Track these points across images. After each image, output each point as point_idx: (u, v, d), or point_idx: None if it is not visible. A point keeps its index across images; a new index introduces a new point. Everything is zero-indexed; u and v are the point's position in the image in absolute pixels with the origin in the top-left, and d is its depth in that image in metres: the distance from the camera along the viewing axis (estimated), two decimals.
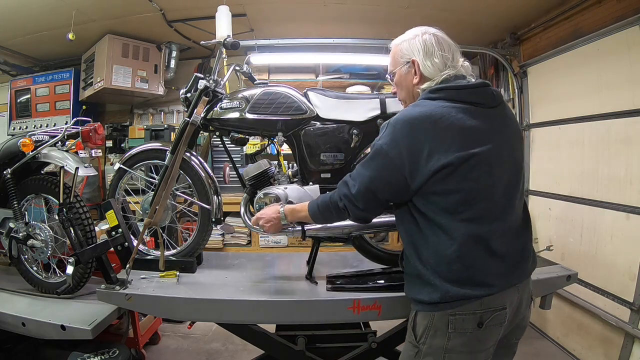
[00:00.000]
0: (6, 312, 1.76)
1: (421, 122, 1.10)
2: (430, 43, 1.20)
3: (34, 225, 1.94)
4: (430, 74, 1.20)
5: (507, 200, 1.17)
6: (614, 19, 2.34)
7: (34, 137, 1.98)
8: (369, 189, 1.18)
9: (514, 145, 1.20)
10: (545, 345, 2.88)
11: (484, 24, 3.22)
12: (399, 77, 1.29)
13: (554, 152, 3.02)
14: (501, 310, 1.13)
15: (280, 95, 1.73)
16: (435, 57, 1.19)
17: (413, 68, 1.23)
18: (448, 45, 1.22)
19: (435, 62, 1.19)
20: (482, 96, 1.17)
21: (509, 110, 1.25)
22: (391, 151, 1.11)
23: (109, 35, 3.33)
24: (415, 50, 1.22)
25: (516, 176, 1.20)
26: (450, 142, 1.08)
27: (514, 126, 1.25)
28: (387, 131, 1.14)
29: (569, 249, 2.70)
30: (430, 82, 1.19)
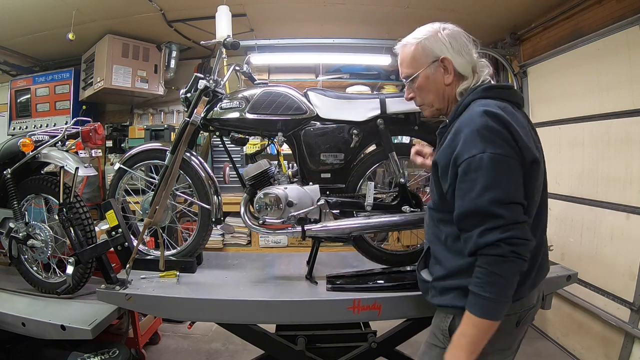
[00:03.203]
0: (6, 312, 1.76)
1: (507, 115, 1.02)
2: (459, 37, 1.12)
3: (34, 225, 1.94)
4: (465, 71, 1.12)
5: (544, 205, 1.13)
6: (614, 19, 2.34)
7: (34, 137, 1.98)
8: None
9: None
10: (545, 345, 2.88)
11: (484, 24, 3.22)
12: (424, 79, 1.16)
13: (554, 152, 3.01)
14: (532, 308, 1.15)
15: (280, 95, 1.73)
16: (465, 53, 1.12)
17: (442, 66, 1.13)
18: (468, 39, 1.14)
19: (466, 58, 1.12)
20: (519, 97, 1.15)
21: None
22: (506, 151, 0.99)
23: (109, 35, 3.33)
24: (444, 46, 1.11)
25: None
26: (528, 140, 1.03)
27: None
28: (483, 138, 0.98)
29: (569, 249, 2.70)
30: (469, 81, 1.12)
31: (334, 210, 1.72)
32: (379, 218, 1.71)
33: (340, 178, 1.78)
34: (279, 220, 1.66)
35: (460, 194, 1.01)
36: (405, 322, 1.80)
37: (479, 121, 1.00)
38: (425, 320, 1.76)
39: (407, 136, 2.87)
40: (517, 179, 0.99)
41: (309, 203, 1.68)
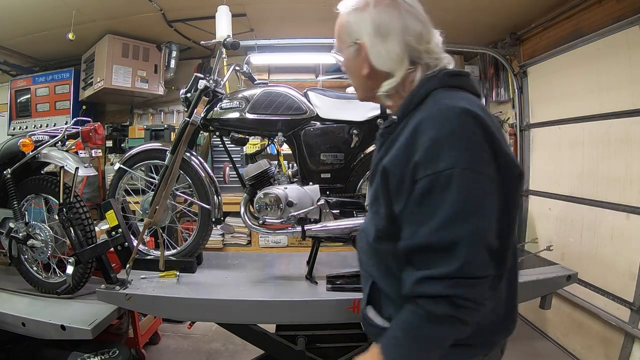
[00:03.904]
0: (6, 312, 1.76)
1: (486, 117, 0.80)
2: (399, 15, 0.85)
3: (34, 225, 1.94)
4: (384, 65, 0.87)
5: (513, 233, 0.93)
6: (614, 19, 2.34)
7: (34, 137, 1.98)
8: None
9: None
10: (545, 345, 2.88)
11: (484, 24, 3.22)
12: (346, 60, 0.95)
13: (554, 152, 3.02)
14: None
15: (280, 95, 1.73)
16: (395, 40, 0.85)
17: (360, 53, 0.89)
18: (419, 20, 0.88)
19: (393, 48, 0.85)
20: (479, 89, 0.94)
21: None
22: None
23: (109, 35, 3.33)
24: (365, 28, 0.87)
25: None
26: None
27: None
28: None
29: (569, 249, 2.70)
30: (394, 80, 0.87)
31: (334, 210, 1.72)
32: None
33: (340, 178, 1.78)
34: (279, 220, 1.66)
35: (415, 219, 0.76)
36: None
37: (452, 122, 0.75)
38: None
39: None
40: (491, 210, 0.74)
41: (309, 203, 1.68)
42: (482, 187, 0.73)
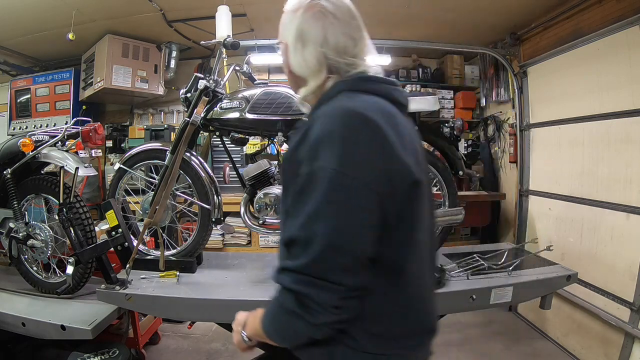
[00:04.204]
0: (6, 312, 1.76)
1: (382, 118, 0.81)
2: (321, 24, 0.84)
3: (34, 225, 1.94)
4: (299, 70, 0.88)
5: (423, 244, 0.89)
6: (614, 19, 2.34)
7: (34, 137, 1.98)
8: None
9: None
10: (545, 345, 2.88)
11: (484, 24, 3.22)
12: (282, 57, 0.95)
13: (554, 152, 3.02)
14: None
15: (280, 95, 1.73)
16: (310, 50, 0.84)
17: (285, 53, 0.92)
18: (348, 30, 0.85)
19: (307, 57, 0.85)
20: (404, 97, 0.90)
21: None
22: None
23: (109, 35, 3.33)
24: (291, 30, 0.87)
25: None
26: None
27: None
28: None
29: (569, 249, 2.70)
30: (310, 88, 0.88)
31: None
32: None
33: None
34: (279, 220, 1.66)
35: (292, 213, 0.76)
36: None
37: (336, 122, 0.74)
38: None
39: None
40: (359, 216, 0.71)
41: None
42: (350, 190, 0.70)
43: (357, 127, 0.73)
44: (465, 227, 3.94)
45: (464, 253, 2.03)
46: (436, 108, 1.91)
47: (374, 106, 0.78)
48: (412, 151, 0.79)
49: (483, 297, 1.65)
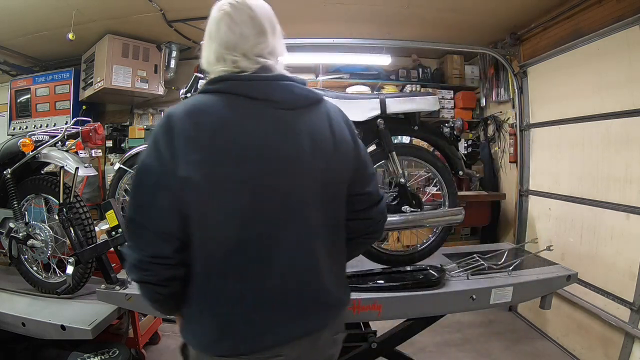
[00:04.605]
0: (6, 312, 1.76)
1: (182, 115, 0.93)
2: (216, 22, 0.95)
3: (34, 225, 1.94)
4: (205, 65, 0.99)
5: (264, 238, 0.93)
6: (614, 19, 2.34)
7: (34, 137, 1.98)
8: None
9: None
10: (545, 345, 2.88)
11: (484, 24, 3.22)
12: None
13: (554, 152, 3.02)
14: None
15: None
16: (207, 46, 0.98)
17: None
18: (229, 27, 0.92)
19: (207, 53, 0.97)
20: (259, 90, 0.92)
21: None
22: None
23: (109, 35, 3.33)
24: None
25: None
26: None
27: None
28: None
29: (569, 249, 2.70)
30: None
31: None
32: None
33: None
34: None
35: None
36: (405, 322, 1.80)
37: (158, 123, 0.90)
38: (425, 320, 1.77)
39: (407, 136, 2.89)
40: (150, 203, 0.84)
41: None
42: (145, 182, 0.87)
43: (160, 127, 0.86)
44: (465, 227, 3.95)
45: (464, 253, 2.03)
46: (436, 108, 1.91)
47: (191, 108, 0.87)
48: (222, 144, 0.85)
49: (483, 297, 1.65)
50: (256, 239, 0.87)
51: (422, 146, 2.03)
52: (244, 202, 0.86)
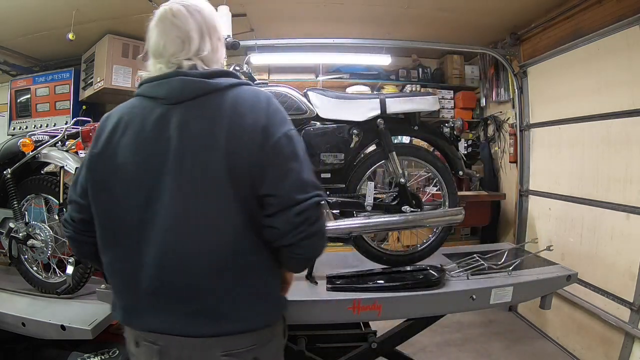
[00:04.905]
0: (6, 312, 1.76)
1: (105, 118, 1.09)
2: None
3: (34, 225, 1.94)
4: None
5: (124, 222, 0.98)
6: (614, 18, 2.34)
7: (34, 137, 1.98)
8: None
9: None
10: (545, 345, 2.88)
11: (484, 24, 3.22)
12: None
13: (554, 152, 3.02)
14: (146, 342, 0.98)
15: (280, 95, 1.72)
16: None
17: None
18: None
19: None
20: (164, 89, 0.96)
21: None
22: None
23: (109, 35, 3.33)
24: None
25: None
26: None
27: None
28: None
29: (569, 249, 2.70)
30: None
31: (334, 210, 1.72)
32: (379, 218, 1.71)
33: (341, 178, 1.78)
34: None
35: None
36: (405, 322, 1.80)
37: None
38: (425, 320, 1.77)
39: (407, 136, 2.89)
40: (78, 176, 1.05)
41: None
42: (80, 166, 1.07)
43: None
44: (465, 227, 3.95)
45: (464, 253, 2.02)
46: (436, 108, 1.91)
47: (119, 108, 1.02)
48: (110, 142, 0.96)
49: (483, 297, 1.65)
50: (127, 230, 0.94)
51: (422, 146, 2.03)
52: (117, 193, 0.95)
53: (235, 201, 0.91)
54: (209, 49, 1.00)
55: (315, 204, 0.93)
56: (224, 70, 1.03)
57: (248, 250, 0.94)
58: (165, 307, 0.94)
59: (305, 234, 0.92)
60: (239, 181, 0.91)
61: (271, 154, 0.92)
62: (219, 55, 1.05)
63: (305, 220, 0.91)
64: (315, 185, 0.96)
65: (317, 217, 0.94)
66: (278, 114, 0.97)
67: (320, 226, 0.96)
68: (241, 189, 0.91)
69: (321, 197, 0.95)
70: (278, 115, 0.97)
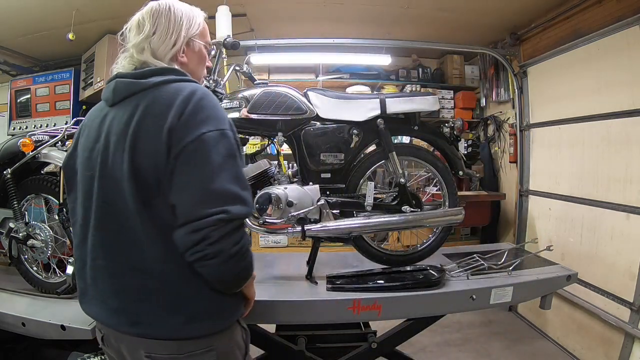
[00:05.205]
0: (6, 312, 1.75)
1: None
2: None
3: (34, 225, 1.94)
4: None
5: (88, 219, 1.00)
6: (614, 19, 2.34)
7: (34, 137, 1.97)
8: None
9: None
10: (545, 345, 2.88)
11: (484, 24, 3.22)
12: None
13: (554, 152, 3.02)
14: (108, 335, 1.05)
15: (280, 95, 1.73)
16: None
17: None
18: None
19: None
20: (107, 94, 1.01)
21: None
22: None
23: (109, 35, 3.33)
24: None
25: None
26: None
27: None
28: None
29: (569, 249, 2.70)
30: None
31: (334, 210, 1.72)
32: (379, 218, 1.71)
33: (341, 178, 1.78)
34: (279, 221, 1.66)
35: None
36: (405, 322, 1.80)
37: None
38: (425, 320, 1.77)
39: (407, 136, 2.89)
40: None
41: (309, 203, 1.68)
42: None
43: None
44: (465, 227, 3.95)
45: (464, 253, 2.03)
46: (436, 108, 1.91)
47: (87, 114, 1.07)
48: (83, 141, 1.02)
49: (483, 297, 1.65)
50: (79, 227, 1.01)
51: (422, 146, 2.03)
52: (75, 193, 1.03)
53: (142, 205, 0.88)
54: (162, 38, 1.01)
55: (216, 221, 0.82)
56: (164, 68, 0.99)
57: (158, 258, 0.90)
58: (101, 299, 0.98)
59: (202, 255, 0.84)
60: (146, 185, 0.88)
61: (179, 159, 0.86)
62: (174, 49, 1.03)
63: (202, 240, 0.83)
64: (226, 197, 0.85)
65: (220, 236, 0.83)
66: (198, 114, 0.89)
67: (223, 247, 0.84)
68: (148, 193, 0.88)
69: (228, 213, 0.83)
70: (197, 116, 0.88)
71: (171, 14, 1.02)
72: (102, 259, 0.96)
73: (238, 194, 0.87)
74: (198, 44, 1.09)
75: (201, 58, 1.12)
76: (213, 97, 0.96)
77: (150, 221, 0.89)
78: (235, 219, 0.85)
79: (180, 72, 1.01)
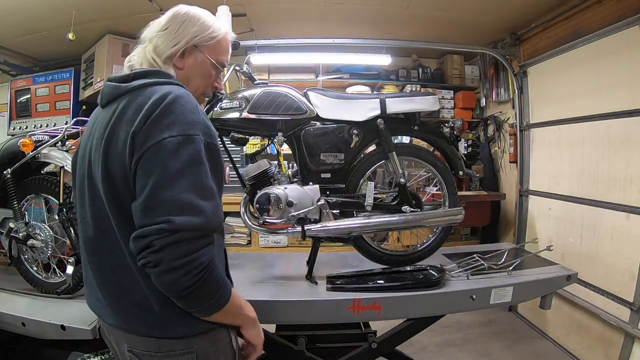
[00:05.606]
0: (6, 312, 1.76)
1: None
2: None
3: (34, 225, 1.94)
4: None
5: (83, 217, 1.05)
6: (614, 19, 2.34)
7: (34, 137, 1.98)
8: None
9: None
10: (545, 345, 2.88)
11: (484, 24, 3.22)
12: None
13: (554, 152, 3.02)
14: (105, 331, 1.15)
15: (280, 95, 1.72)
16: None
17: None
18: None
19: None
20: (101, 97, 1.03)
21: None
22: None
23: (109, 35, 3.33)
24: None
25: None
26: None
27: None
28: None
29: (569, 249, 2.70)
30: None
31: (334, 210, 1.72)
32: (379, 218, 1.71)
33: (341, 178, 1.78)
34: (279, 221, 1.66)
35: None
36: (405, 322, 1.80)
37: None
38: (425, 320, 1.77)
39: (407, 136, 2.89)
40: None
41: (309, 203, 1.68)
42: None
43: None
44: (465, 227, 3.95)
45: (464, 253, 2.03)
46: (436, 108, 1.91)
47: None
48: (88, 142, 1.01)
49: (483, 297, 1.65)
50: (79, 218, 1.06)
51: (422, 146, 2.03)
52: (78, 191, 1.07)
53: (116, 208, 0.91)
54: (168, 36, 1.06)
55: (158, 230, 0.81)
56: (149, 71, 1.01)
57: (134, 258, 0.88)
58: (94, 291, 1.03)
59: (145, 261, 0.83)
60: (117, 190, 0.90)
61: (138, 164, 0.86)
62: (173, 50, 1.06)
63: (146, 247, 0.82)
64: (174, 206, 0.83)
65: (161, 245, 0.81)
66: (164, 119, 0.86)
67: (163, 257, 0.81)
68: (120, 197, 0.90)
69: (171, 223, 0.81)
70: (163, 120, 0.86)
71: (187, 17, 1.06)
72: (91, 254, 1.02)
73: (192, 203, 0.84)
74: (203, 56, 1.07)
75: (203, 71, 1.09)
76: (188, 101, 0.91)
77: (125, 223, 0.90)
78: (180, 230, 0.82)
79: (165, 74, 1.00)
